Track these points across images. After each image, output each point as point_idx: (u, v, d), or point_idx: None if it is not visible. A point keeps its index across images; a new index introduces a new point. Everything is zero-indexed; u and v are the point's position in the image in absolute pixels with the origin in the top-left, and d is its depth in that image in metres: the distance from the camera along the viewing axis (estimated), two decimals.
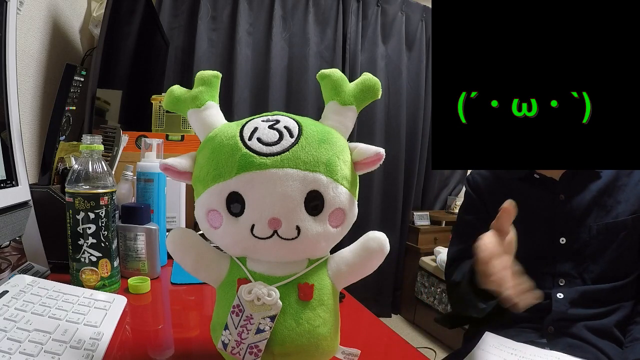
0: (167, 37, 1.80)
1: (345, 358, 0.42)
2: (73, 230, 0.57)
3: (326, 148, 0.35)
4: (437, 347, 2.10)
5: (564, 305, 0.74)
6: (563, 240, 0.77)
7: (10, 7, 0.55)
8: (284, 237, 0.34)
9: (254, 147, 0.34)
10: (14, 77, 0.57)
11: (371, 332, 0.59)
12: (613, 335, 0.73)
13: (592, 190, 0.77)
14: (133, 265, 0.68)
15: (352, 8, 2.34)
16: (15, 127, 0.57)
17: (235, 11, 2.10)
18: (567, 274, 0.76)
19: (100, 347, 0.41)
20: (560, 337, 0.73)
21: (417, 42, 2.55)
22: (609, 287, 0.74)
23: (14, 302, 0.43)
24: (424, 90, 2.58)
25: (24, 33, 0.90)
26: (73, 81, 0.83)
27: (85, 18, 1.33)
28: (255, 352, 0.35)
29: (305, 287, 0.37)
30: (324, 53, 2.32)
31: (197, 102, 0.39)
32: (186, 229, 0.40)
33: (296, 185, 0.33)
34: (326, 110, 0.39)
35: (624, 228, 0.74)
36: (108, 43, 0.98)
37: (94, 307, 0.49)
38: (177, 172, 0.37)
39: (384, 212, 2.55)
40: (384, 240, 0.39)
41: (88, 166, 0.57)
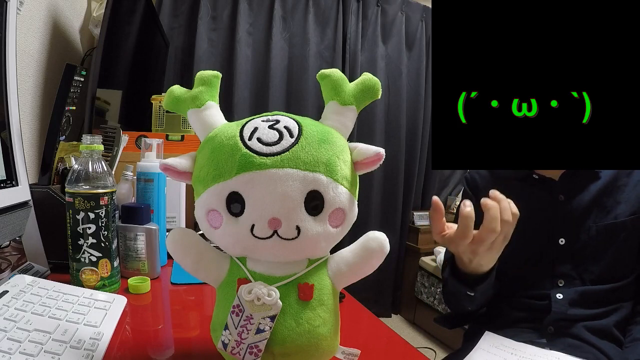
0: (167, 37, 1.80)
1: (345, 358, 0.42)
2: (73, 230, 0.57)
3: (326, 148, 0.35)
4: (437, 347, 2.10)
5: (563, 305, 0.74)
6: (562, 241, 0.76)
7: (10, 7, 0.55)
8: (284, 237, 0.34)
9: (254, 147, 0.34)
10: (14, 77, 0.57)
11: (371, 332, 0.59)
12: (613, 335, 0.73)
13: (591, 190, 0.76)
14: (133, 265, 0.68)
15: (352, 8, 2.34)
16: (15, 127, 0.57)
17: (235, 11, 2.10)
18: (566, 275, 0.76)
19: (100, 347, 0.41)
20: (560, 337, 0.73)
21: (417, 42, 2.54)
22: (608, 287, 0.74)
23: (14, 302, 0.43)
24: (424, 90, 2.57)
25: (24, 33, 0.90)
26: (73, 81, 0.83)
27: (85, 18, 1.33)
28: (255, 352, 0.35)
29: (305, 287, 0.37)
30: (324, 53, 2.32)
31: (197, 102, 0.39)
32: (186, 229, 0.40)
33: (296, 185, 0.33)
34: (326, 110, 0.39)
35: (624, 229, 0.74)
36: (108, 43, 0.98)
37: (94, 307, 0.49)
38: (177, 172, 0.37)
39: (384, 212, 2.55)
40: (384, 240, 0.39)
41: (88, 166, 0.57)
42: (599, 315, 0.74)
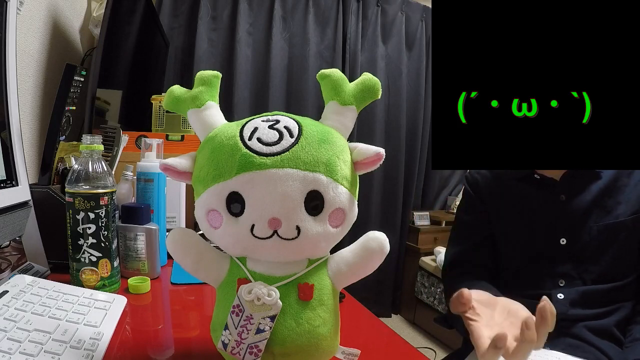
0: (167, 37, 1.80)
1: (345, 358, 0.41)
2: (73, 230, 0.57)
3: (326, 148, 0.35)
4: (437, 347, 2.10)
5: (564, 305, 0.74)
6: (563, 241, 0.76)
7: (10, 7, 0.55)
8: (284, 237, 0.34)
9: (254, 147, 0.34)
10: (14, 77, 0.57)
11: (371, 332, 0.59)
12: (613, 335, 0.73)
13: (592, 190, 0.76)
14: (133, 265, 0.68)
15: (352, 8, 2.34)
16: (15, 127, 0.57)
17: (235, 11, 2.10)
18: (567, 275, 0.76)
19: (100, 347, 0.41)
20: (561, 337, 0.73)
21: (417, 42, 2.54)
22: (609, 287, 0.74)
23: (14, 302, 0.43)
24: (424, 90, 2.57)
25: (24, 33, 0.89)
26: (73, 81, 0.83)
27: (85, 18, 1.33)
28: (255, 352, 0.35)
29: (305, 287, 0.37)
30: (324, 53, 2.32)
31: (197, 102, 0.39)
32: (186, 229, 0.40)
33: (296, 185, 0.33)
34: (326, 110, 0.39)
35: (624, 229, 0.74)
36: (108, 43, 0.98)
37: (94, 307, 0.49)
38: (177, 172, 0.37)
39: (384, 212, 2.55)
40: (384, 240, 0.39)
41: (88, 166, 0.57)
42: (599, 315, 0.74)
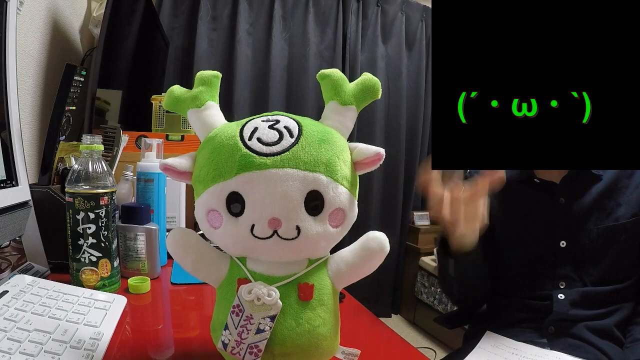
0: (167, 37, 1.80)
1: (345, 358, 0.42)
2: (73, 230, 0.57)
3: (326, 148, 0.35)
4: (437, 347, 2.10)
5: (565, 306, 0.74)
6: (563, 243, 0.76)
7: (10, 7, 0.55)
8: (284, 237, 0.34)
9: (254, 147, 0.34)
10: (14, 77, 0.57)
11: (371, 332, 0.59)
12: (613, 335, 0.73)
13: (592, 193, 0.76)
14: (133, 265, 0.68)
15: (352, 8, 2.34)
16: (15, 127, 0.57)
17: (235, 11, 2.10)
18: (567, 277, 0.76)
19: (100, 347, 0.41)
20: (561, 337, 0.73)
21: (417, 42, 2.54)
22: (609, 289, 0.74)
23: (14, 302, 0.43)
24: (424, 90, 2.57)
25: (24, 33, 0.89)
26: (73, 81, 0.83)
27: (85, 18, 1.33)
28: (255, 352, 0.35)
29: (305, 287, 0.37)
30: (324, 53, 2.32)
31: (197, 102, 0.39)
32: (186, 229, 0.40)
33: (296, 185, 0.33)
34: (326, 110, 0.39)
35: (624, 231, 0.74)
36: (108, 43, 0.98)
37: (94, 307, 0.49)
38: (177, 172, 0.37)
39: (384, 212, 2.54)
40: (384, 240, 0.39)
41: (88, 166, 0.57)
42: (599, 315, 0.74)
